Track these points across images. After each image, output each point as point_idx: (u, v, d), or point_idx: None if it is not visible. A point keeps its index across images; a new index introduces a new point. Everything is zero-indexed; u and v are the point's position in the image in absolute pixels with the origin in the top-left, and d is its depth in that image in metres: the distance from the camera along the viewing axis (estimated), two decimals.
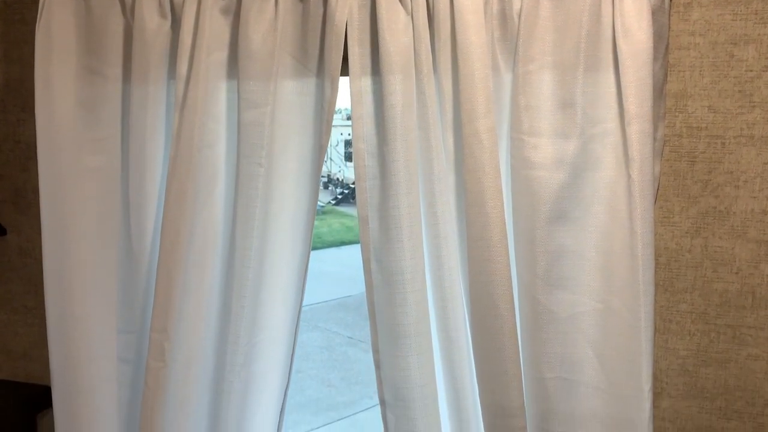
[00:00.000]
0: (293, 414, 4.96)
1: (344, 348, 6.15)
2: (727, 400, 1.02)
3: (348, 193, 11.03)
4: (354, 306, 7.02)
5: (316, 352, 6.02)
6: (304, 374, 5.58)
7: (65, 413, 1.17)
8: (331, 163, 11.51)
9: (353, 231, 9.47)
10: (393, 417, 1.02)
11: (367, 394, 5.40)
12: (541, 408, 0.98)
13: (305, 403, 5.19)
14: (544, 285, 0.96)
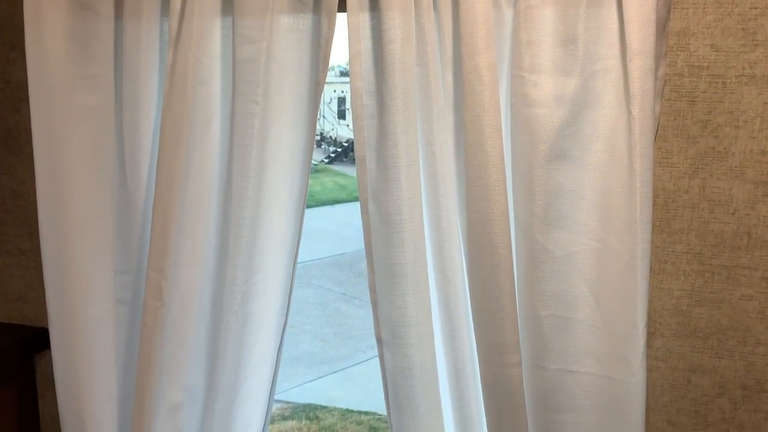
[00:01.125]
0: (288, 367, 5.04)
1: (337, 304, 6.22)
2: (719, 339, 1.04)
3: (341, 152, 10.99)
4: (347, 263, 7.07)
5: (309, 308, 6.09)
6: (298, 329, 5.65)
7: (63, 354, 1.18)
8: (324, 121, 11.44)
9: (346, 189, 9.47)
10: (390, 355, 1.03)
11: (359, 348, 5.48)
12: (535, 345, 0.99)
13: (299, 356, 5.27)
14: (542, 224, 0.96)
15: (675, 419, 1.08)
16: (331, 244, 7.49)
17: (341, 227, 8.01)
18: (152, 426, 1.11)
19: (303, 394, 4.81)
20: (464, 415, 1.04)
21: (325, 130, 11.36)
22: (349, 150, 10.94)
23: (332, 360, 5.29)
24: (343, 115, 11.41)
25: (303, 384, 4.96)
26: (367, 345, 5.53)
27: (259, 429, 1.20)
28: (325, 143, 11.22)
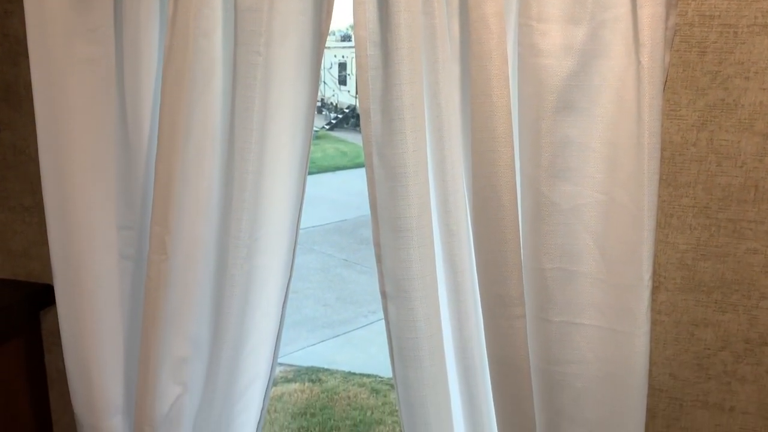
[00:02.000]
0: (290, 331, 5.09)
1: (339, 270, 6.25)
2: (724, 293, 1.04)
3: (342, 118, 10.92)
4: (348, 230, 7.09)
5: (312, 274, 6.12)
6: (301, 294, 5.69)
7: (69, 309, 1.18)
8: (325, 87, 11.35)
9: (348, 156, 9.44)
10: (394, 309, 1.03)
11: (361, 313, 5.53)
12: (539, 298, 0.99)
13: (302, 321, 5.32)
14: (548, 177, 0.95)
15: (677, 372, 1.09)
16: (332, 210, 7.50)
17: (343, 194, 8.00)
18: (158, 379, 1.12)
19: (306, 358, 4.86)
20: (467, 366, 1.05)
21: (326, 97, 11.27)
22: (351, 116, 10.87)
23: (334, 324, 5.34)
24: (345, 81, 11.30)
25: (306, 347, 5.01)
26: (368, 310, 5.57)
27: (264, 383, 1.21)
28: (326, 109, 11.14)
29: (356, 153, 9.42)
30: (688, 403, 1.09)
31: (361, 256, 6.51)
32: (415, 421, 1.05)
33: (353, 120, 10.81)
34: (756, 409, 1.06)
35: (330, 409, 4.25)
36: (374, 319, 5.37)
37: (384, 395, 4.46)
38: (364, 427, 4.07)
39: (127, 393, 1.22)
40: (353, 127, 10.74)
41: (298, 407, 4.25)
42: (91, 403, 1.21)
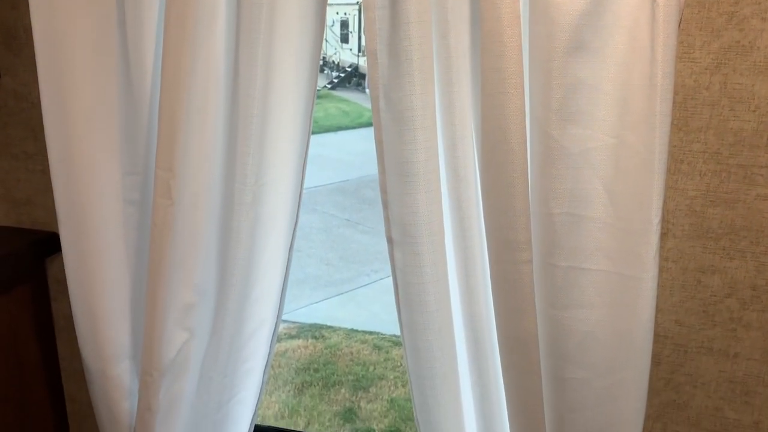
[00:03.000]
0: (294, 290, 5.13)
1: (342, 230, 6.26)
2: (732, 240, 1.03)
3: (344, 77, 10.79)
4: (351, 190, 7.07)
5: (314, 233, 6.13)
6: (303, 253, 5.71)
7: (74, 257, 1.18)
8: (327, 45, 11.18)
9: (350, 116, 9.36)
10: (400, 254, 1.03)
11: (363, 272, 5.56)
12: (546, 243, 0.98)
13: (305, 279, 5.35)
14: (558, 119, 0.93)
15: (683, 319, 1.09)
16: (335, 170, 7.47)
17: (345, 154, 7.96)
18: (165, 325, 1.13)
19: (309, 315, 4.91)
20: (473, 312, 1.05)
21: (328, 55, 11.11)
22: (353, 75, 10.74)
23: (337, 283, 5.38)
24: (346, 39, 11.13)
25: (309, 305, 5.06)
26: (370, 269, 5.60)
27: (270, 329, 1.22)
28: (327, 68, 10.99)
29: (358, 113, 9.33)
30: (692, 350, 1.10)
31: (364, 216, 6.52)
32: (421, 365, 1.06)
33: (356, 79, 10.68)
34: (761, 356, 1.07)
35: (333, 365, 4.31)
36: (376, 278, 5.40)
37: (386, 352, 4.51)
38: (366, 382, 4.13)
39: (134, 339, 1.23)
40: (355, 87, 10.62)
41: (302, 363, 4.31)
42: (99, 349, 1.22)
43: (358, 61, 10.68)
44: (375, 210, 6.47)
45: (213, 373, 1.19)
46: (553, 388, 1.02)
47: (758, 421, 1.10)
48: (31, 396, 1.40)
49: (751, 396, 1.09)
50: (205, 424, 1.23)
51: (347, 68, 10.84)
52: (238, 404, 1.25)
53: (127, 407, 1.24)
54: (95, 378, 1.24)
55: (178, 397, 1.17)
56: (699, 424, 1.12)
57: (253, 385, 1.25)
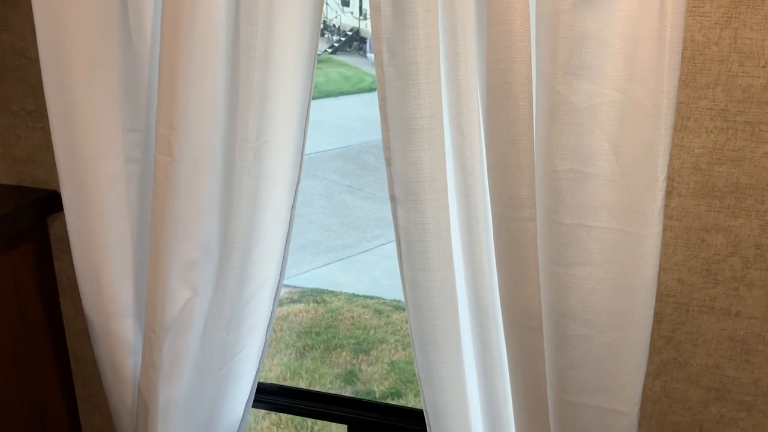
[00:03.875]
0: (295, 255, 5.15)
1: (343, 195, 6.26)
2: (737, 198, 1.03)
3: (345, 41, 10.65)
4: (352, 156, 7.05)
5: (315, 199, 6.14)
6: (305, 219, 5.72)
7: (76, 215, 1.18)
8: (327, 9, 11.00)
9: (351, 81, 9.27)
10: (403, 212, 1.02)
11: (364, 238, 5.57)
12: (550, 200, 0.98)
13: (306, 245, 5.37)
14: (565, 74, 0.92)
15: (685, 278, 1.09)
16: (336, 136, 7.43)
17: (346, 119, 7.91)
18: (168, 283, 1.13)
19: (310, 280, 4.94)
20: (476, 270, 1.05)
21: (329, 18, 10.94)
22: (354, 39, 10.60)
23: (338, 248, 5.40)
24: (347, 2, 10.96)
25: (310, 270, 5.08)
26: (371, 235, 5.62)
27: (273, 287, 1.22)
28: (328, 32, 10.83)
29: (360, 78, 9.24)
30: (694, 308, 1.10)
31: (365, 182, 6.51)
32: (423, 323, 1.06)
33: (357, 43, 10.54)
34: (762, 314, 1.07)
35: (334, 329, 4.35)
36: (377, 244, 5.42)
37: (387, 316, 4.55)
38: (367, 345, 4.18)
39: (137, 296, 1.23)
40: (356, 51, 10.49)
41: (304, 326, 4.35)
42: (102, 307, 1.23)
43: (359, 24, 10.52)
44: (376, 176, 6.46)
45: (216, 330, 1.19)
46: (555, 344, 1.02)
47: (758, 378, 1.10)
48: (36, 355, 1.41)
49: (752, 354, 1.09)
50: (208, 380, 1.24)
51: (348, 32, 10.69)
52: (241, 362, 1.26)
53: (131, 364, 1.25)
54: (99, 335, 1.25)
55: (182, 353, 1.18)
56: (699, 382, 1.13)
57: (256, 343, 1.26)
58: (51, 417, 1.47)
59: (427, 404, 1.13)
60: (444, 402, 1.10)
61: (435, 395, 1.10)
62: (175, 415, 1.24)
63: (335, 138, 7.35)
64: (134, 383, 1.26)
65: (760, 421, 1.12)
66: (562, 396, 1.04)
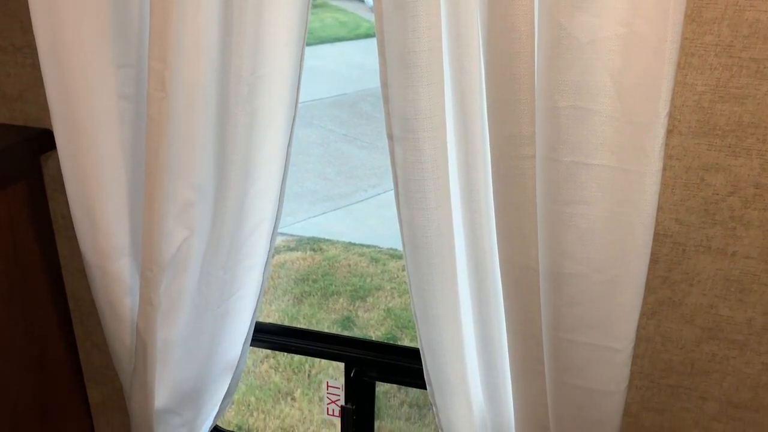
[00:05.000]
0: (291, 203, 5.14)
1: (339, 144, 6.20)
2: (738, 137, 1.02)
3: None
4: (348, 104, 6.96)
5: (311, 148, 6.08)
6: (301, 167, 5.69)
7: (69, 153, 1.16)
8: None
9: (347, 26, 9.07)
10: (401, 150, 1.01)
11: (361, 187, 5.56)
12: (551, 137, 0.96)
13: (302, 193, 5.35)
14: (568, 7, 0.89)
15: (683, 218, 1.09)
16: (332, 84, 7.31)
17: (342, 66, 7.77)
18: (163, 222, 1.12)
19: (307, 229, 4.94)
20: (473, 209, 1.05)
21: None
22: None
23: (335, 197, 5.38)
24: None
25: (307, 219, 5.08)
26: (368, 184, 5.59)
27: (270, 227, 1.22)
28: None
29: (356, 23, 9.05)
30: (691, 248, 1.10)
31: (362, 131, 6.44)
32: (419, 262, 1.06)
33: None
34: (758, 254, 1.07)
35: (331, 276, 4.38)
36: (374, 193, 5.41)
37: (383, 264, 4.58)
38: (363, 292, 4.21)
39: (133, 236, 1.23)
40: None
41: (301, 274, 4.38)
42: (98, 247, 1.22)
43: None
44: (373, 125, 6.39)
45: (213, 269, 1.19)
46: (551, 283, 1.02)
47: (751, 318, 1.11)
48: (34, 295, 1.42)
49: (746, 294, 1.10)
50: (206, 319, 1.25)
51: None
52: (239, 301, 1.27)
53: (129, 303, 1.26)
54: (96, 275, 1.25)
55: (180, 292, 1.19)
56: (692, 321, 1.14)
57: (253, 283, 1.27)
58: (50, 356, 1.49)
59: (423, 342, 1.14)
60: (439, 340, 1.11)
61: (431, 333, 1.11)
62: (174, 354, 1.25)
63: (331, 86, 7.24)
64: (132, 322, 1.27)
65: (751, 359, 1.14)
66: (557, 333, 1.05)
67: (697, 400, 1.20)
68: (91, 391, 1.60)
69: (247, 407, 3.27)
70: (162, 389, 1.28)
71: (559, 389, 1.08)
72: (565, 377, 1.07)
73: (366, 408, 1.48)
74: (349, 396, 1.47)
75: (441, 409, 1.17)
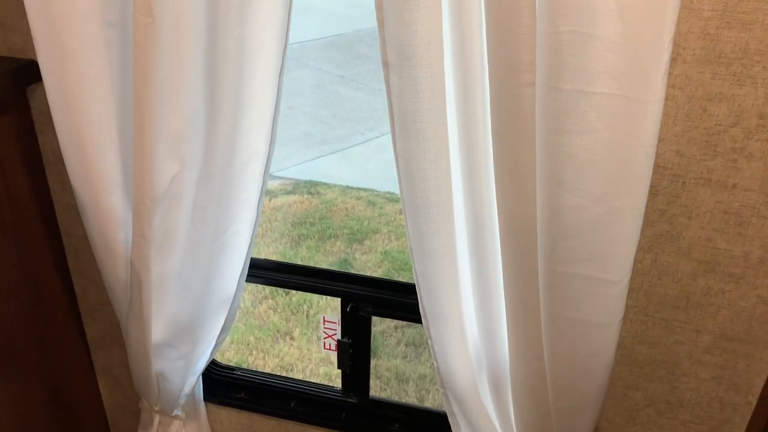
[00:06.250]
0: (287, 146, 5.10)
1: (335, 86, 6.11)
2: (744, 65, 0.99)
3: None
4: (344, 45, 6.81)
5: (307, 90, 6.00)
6: (297, 110, 5.62)
7: (55, 84, 1.13)
8: None
9: None
10: (396, 78, 0.98)
11: (358, 130, 5.50)
12: (551, 64, 0.93)
13: (298, 137, 5.30)
14: None
15: (684, 150, 1.07)
16: (327, 23, 7.14)
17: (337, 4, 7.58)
18: (155, 154, 1.10)
19: (303, 172, 4.92)
20: (471, 140, 1.03)
21: None
22: None
23: (331, 141, 5.34)
24: None
25: (303, 162, 5.05)
26: (365, 127, 5.54)
27: (263, 161, 1.20)
28: None
29: None
30: (690, 181, 1.08)
31: (358, 73, 6.33)
32: (416, 194, 1.05)
33: None
34: (759, 186, 1.06)
35: (328, 219, 4.38)
36: (371, 136, 5.36)
37: (380, 207, 4.57)
38: (361, 235, 4.22)
39: (124, 169, 1.21)
40: None
41: (298, 217, 4.38)
42: (90, 181, 1.21)
43: None
44: (370, 66, 6.28)
45: (207, 203, 1.18)
46: (548, 215, 1.01)
47: (748, 251, 1.11)
48: (27, 232, 1.40)
49: (744, 227, 1.09)
50: (201, 253, 1.24)
51: None
52: (233, 236, 1.26)
53: (123, 238, 1.25)
54: (88, 210, 1.24)
55: (173, 226, 1.17)
56: (689, 255, 1.14)
57: (248, 218, 1.25)
58: (46, 293, 1.48)
59: (418, 275, 1.13)
60: (435, 272, 1.10)
61: (426, 265, 1.10)
62: (169, 288, 1.25)
63: (327, 25, 7.07)
64: (126, 257, 1.27)
65: (747, 292, 1.14)
66: (553, 266, 1.04)
67: (690, 333, 1.20)
68: (88, 327, 1.61)
69: (246, 346, 3.32)
70: (158, 323, 1.29)
71: (554, 322, 1.08)
72: (561, 310, 1.07)
73: (362, 342, 1.49)
74: (346, 330, 1.48)
75: (436, 341, 1.18)
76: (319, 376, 3.18)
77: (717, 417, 1.27)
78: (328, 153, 5.20)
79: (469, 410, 1.25)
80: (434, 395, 3.05)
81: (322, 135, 5.38)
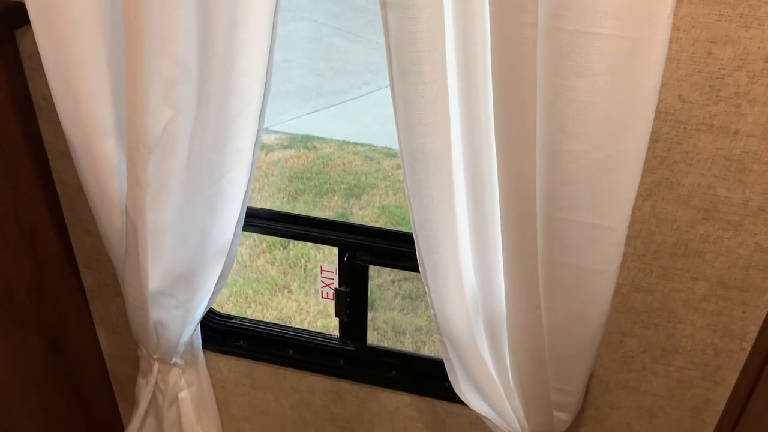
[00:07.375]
0: (284, 100, 5.04)
1: (332, 39, 6.01)
2: (752, 5, 0.96)
3: None
4: None
5: (303, 42, 5.90)
6: (293, 63, 5.54)
7: (44, 27, 1.10)
8: None
9: None
10: (394, 18, 0.95)
11: (355, 84, 5.43)
12: (553, 4, 0.90)
13: (295, 90, 5.24)
14: None
15: (686, 95, 1.05)
16: None
17: None
18: (147, 100, 1.08)
19: (300, 126, 4.87)
20: (470, 83, 1.01)
21: None
22: None
23: (328, 94, 5.27)
24: None
25: (299, 117, 5.00)
26: (362, 81, 5.47)
27: (258, 107, 1.18)
28: None
29: None
30: (692, 127, 1.07)
31: (355, 25, 6.22)
32: (414, 140, 1.03)
33: None
34: (761, 132, 1.04)
35: (325, 174, 4.36)
36: (368, 90, 5.30)
37: (377, 162, 4.55)
38: (358, 190, 4.21)
39: (117, 116, 1.18)
40: None
41: (295, 172, 4.36)
42: (82, 127, 1.19)
43: None
44: (368, 18, 6.17)
45: (202, 150, 1.16)
46: (547, 161, 1.00)
47: (748, 198, 1.10)
48: (21, 180, 1.39)
49: (745, 174, 1.08)
50: (197, 201, 1.23)
51: None
52: (229, 183, 1.24)
53: (117, 186, 1.24)
54: (82, 158, 1.22)
55: (168, 173, 1.16)
56: (689, 202, 1.13)
57: (243, 165, 1.24)
58: (42, 243, 1.48)
59: (416, 223, 1.12)
60: (432, 219, 1.10)
61: (424, 213, 1.09)
62: (165, 236, 1.25)
63: None
64: (121, 205, 1.25)
65: (745, 240, 1.14)
66: (551, 212, 1.03)
67: (687, 280, 1.21)
68: (85, 276, 1.61)
69: (245, 299, 3.34)
70: (155, 272, 1.28)
71: (551, 268, 1.08)
72: (558, 256, 1.06)
73: (359, 291, 1.50)
74: (343, 280, 1.48)
75: (433, 289, 1.18)
76: (317, 328, 3.21)
77: (711, 363, 1.28)
78: (324, 107, 5.14)
79: (466, 357, 1.26)
80: (430, 346, 3.09)
81: (318, 89, 5.31)
